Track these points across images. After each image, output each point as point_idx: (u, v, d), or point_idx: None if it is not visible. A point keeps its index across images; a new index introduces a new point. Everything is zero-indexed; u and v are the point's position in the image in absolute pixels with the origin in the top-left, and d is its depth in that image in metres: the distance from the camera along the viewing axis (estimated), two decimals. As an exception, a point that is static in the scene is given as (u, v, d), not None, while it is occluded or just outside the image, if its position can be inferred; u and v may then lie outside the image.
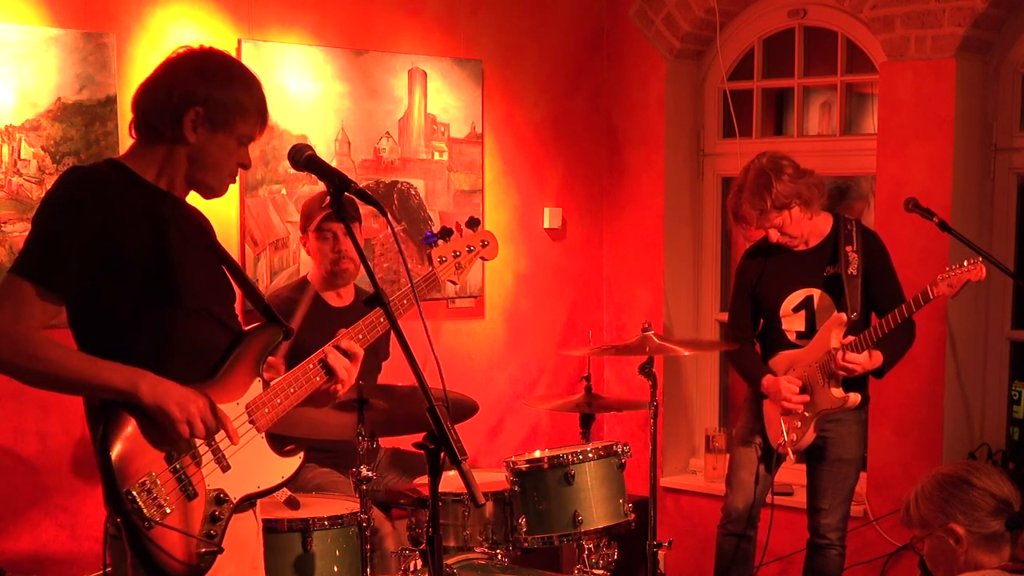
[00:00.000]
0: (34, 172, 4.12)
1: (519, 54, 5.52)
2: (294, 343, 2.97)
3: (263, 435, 2.70)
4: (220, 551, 2.56)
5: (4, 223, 4.07)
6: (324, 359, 2.79)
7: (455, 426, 2.42)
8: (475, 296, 5.42)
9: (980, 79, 4.96)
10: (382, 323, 2.94)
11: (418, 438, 2.45)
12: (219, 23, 4.55)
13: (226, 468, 2.61)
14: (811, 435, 4.36)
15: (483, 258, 3.39)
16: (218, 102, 2.62)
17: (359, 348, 2.85)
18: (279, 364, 2.85)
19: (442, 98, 5.21)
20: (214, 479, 2.59)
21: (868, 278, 4.34)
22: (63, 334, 2.58)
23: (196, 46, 2.71)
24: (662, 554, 4.97)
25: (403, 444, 4.54)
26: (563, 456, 3.84)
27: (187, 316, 2.62)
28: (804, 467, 4.57)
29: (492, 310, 5.52)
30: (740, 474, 4.52)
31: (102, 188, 2.56)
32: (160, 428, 2.51)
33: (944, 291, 4.09)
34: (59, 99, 4.15)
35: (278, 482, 2.73)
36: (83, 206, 2.52)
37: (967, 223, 4.82)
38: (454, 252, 3.28)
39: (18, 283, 2.50)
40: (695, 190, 5.82)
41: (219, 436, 2.60)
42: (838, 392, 4.28)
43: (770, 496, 4.53)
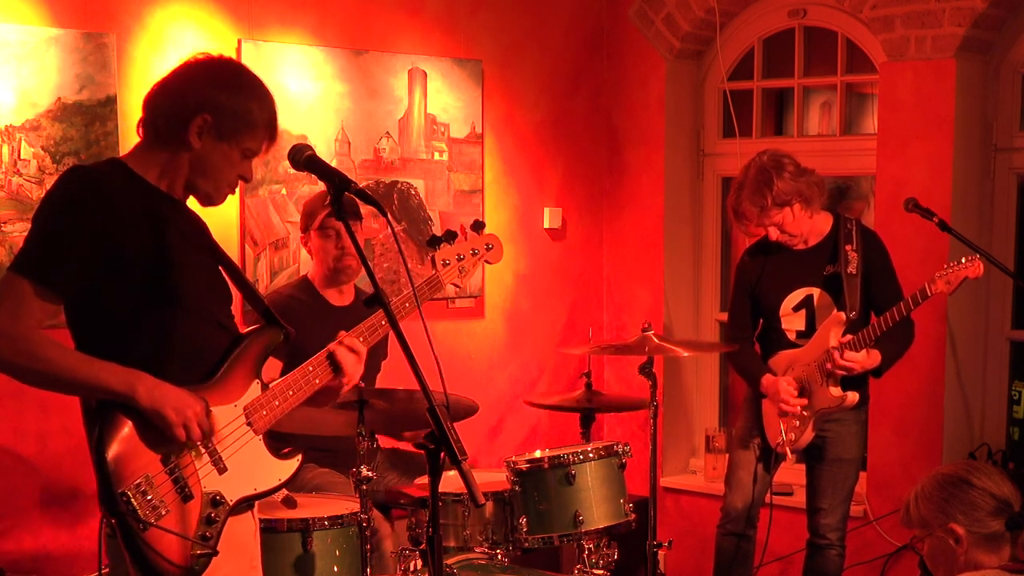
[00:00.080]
0: (34, 172, 4.12)
1: (519, 54, 5.52)
2: (294, 343, 2.97)
3: (261, 437, 2.70)
4: (215, 553, 2.55)
5: (4, 223, 4.07)
6: (332, 354, 2.80)
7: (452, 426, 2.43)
8: (475, 296, 5.42)
9: (980, 79, 4.95)
10: (383, 326, 2.94)
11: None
12: (219, 23, 4.55)
13: (223, 470, 2.61)
14: (809, 434, 4.36)
15: (487, 261, 3.38)
16: (227, 112, 2.62)
17: (363, 346, 2.85)
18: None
19: (442, 98, 5.21)
20: (211, 481, 2.59)
21: (868, 277, 4.33)
22: (63, 334, 2.58)
23: (216, 55, 2.72)
24: (662, 554, 4.97)
25: (402, 444, 4.55)
26: (563, 456, 3.83)
27: (187, 317, 2.62)
28: (804, 467, 4.57)
29: (492, 310, 5.52)
30: (739, 474, 4.52)
31: (102, 187, 2.55)
32: (157, 430, 2.51)
33: (942, 288, 4.08)
34: (59, 99, 4.15)
35: (275, 484, 2.73)
36: (83, 205, 2.52)
37: (967, 223, 4.82)
38: (457, 255, 3.28)
39: (17, 281, 2.49)
40: (695, 190, 5.81)
41: (216, 438, 2.60)
42: (836, 391, 4.28)
43: (770, 496, 4.52)
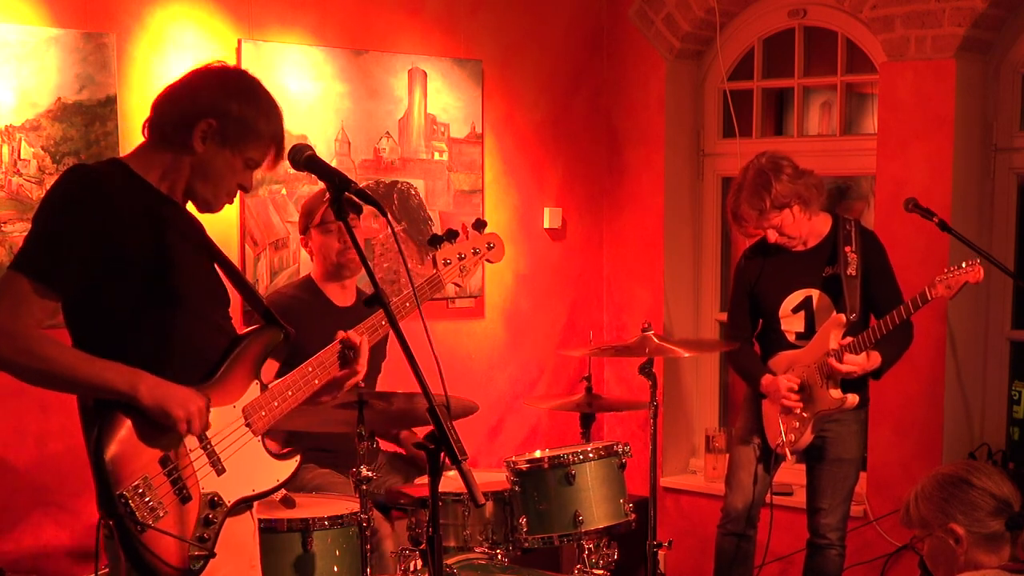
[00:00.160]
0: (34, 172, 4.12)
1: (519, 54, 5.52)
2: (294, 343, 2.97)
3: (259, 438, 2.70)
4: (212, 555, 2.55)
5: (4, 223, 4.07)
6: (347, 343, 2.81)
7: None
8: (475, 296, 5.41)
9: (980, 79, 4.95)
10: (383, 326, 2.94)
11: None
12: (219, 23, 4.55)
13: (221, 471, 2.60)
14: (809, 436, 4.36)
15: (488, 260, 3.38)
16: (233, 119, 2.62)
17: (365, 343, 2.86)
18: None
19: (442, 98, 5.21)
20: (209, 482, 2.58)
21: (867, 279, 4.33)
22: (63, 334, 2.58)
23: (231, 65, 2.74)
24: (662, 554, 4.97)
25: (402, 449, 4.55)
26: (563, 456, 3.83)
27: (186, 317, 2.61)
28: (804, 467, 4.57)
29: (492, 310, 5.52)
30: (739, 474, 4.51)
31: (103, 187, 2.55)
32: (155, 430, 2.51)
33: (942, 293, 4.08)
34: (59, 99, 4.15)
35: (273, 485, 2.73)
36: (83, 205, 2.52)
37: (967, 223, 4.82)
38: (459, 255, 3.27)
39: (17, 279, 2.49)
40: (695, 190, 5.81)
41: (215, 439, 2.60)
42: (836, 393, 4.28)
43: (770, 496, 4.52)
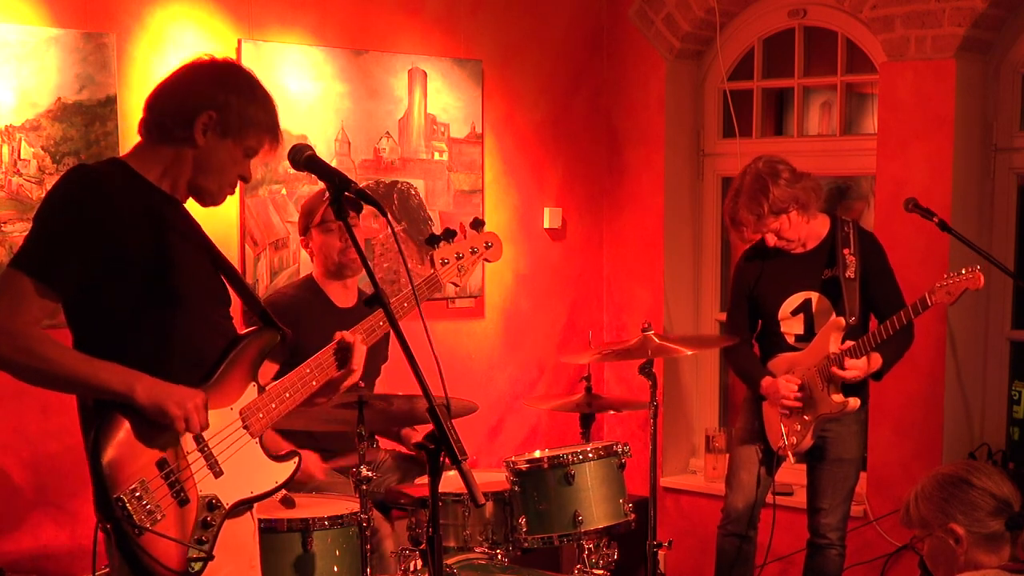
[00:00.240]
0: (34, 172, 4.12)
1: (519, 54, 5.52)
2: (294, 344, 2.97)
3: (257, 440, 2.70)
4: (210, 558, 2.55)
5: (4, 223, 4.07)
6: (343, 343, 2.81)
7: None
8: (475, 296, 5.42)
9: (980, 79, 4.95)
10: (381, 326, 2.94)
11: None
12: (219, 23, 4.55)
13: (219, 474, 2.61)
14: (810, 439, 4.35)
15: (486, 260, 3.38)
16: (233, 109, 2.64)
17: (359, 343, 2.86)
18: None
19: (442, 98, 5.21)
20: (207, 485, 2.58)
21: (866, 280, 4.32)
22: (63, 334, 2.58)
23: (220, 57, 2.74)
24: (662, 554, 4.97)
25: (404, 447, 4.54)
26: (563, 456, 3.83)
27: (186, 317, 2.62)
28: (804, 467, 4.56)
29: (492, 310, 5.52)
30: (740, 475, 4.51)
31: (103, 187, 2.56)
32: (154, 433, 2.51)
33: (942, 299, 4.07)
34: (59, 99, 4.15)
35: (272, 487, 2.72)
36: (84, 205, 2.52)
37: (967, 223, 4.82)
38: (456, 254, 3.27)
39: (17, 278, 2.50)
40: (695, 190, 5.81)
41: (212, 441, 2.60)
42: (838, 397, 4.27)
43: (770, 496, 4.52)
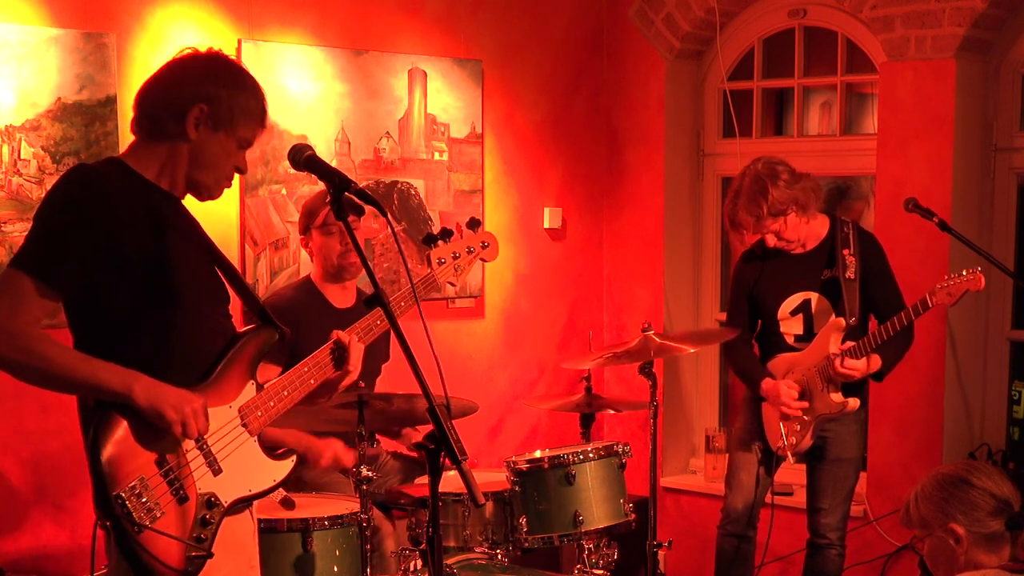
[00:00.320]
0: (34, 172, 4.12)
1: (519, 54, 5.52)
2: (293, 343, 2.97)
3: (256, 438, 2.70)
4: (210, 555, 2.55)
5: (4, 223, 4.07)
6: (339, 343, 2.81)
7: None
8: (475, 296, 5.42)
9: (980, 79, 4.95)
10: (379, 325, 2.94)
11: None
12: (219, 23, 4.55)
13: (217, 472, 2.60)
14: (810, 439, 4.36)
15: (483, 259, 3.38)
16: (224, 101, 2.63)
17: (355, 342, 2.86)
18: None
19: (442, 98, 5.21)
20: (205, 483, 2.58)
21: (866, 281, 4.32)
22: (63, 334, 2.58)
23: (204, 49, 2.73)
24: (662, 554, 4.97)
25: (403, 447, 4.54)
26: (563, 456, 3.83)
27: (186, 316, 2.61)
28: (804, 467, 4.56)
29: (492, 310, 5.52)
30: (740, 475, 4.51)
31: (103, 187, 2.56)
32: (152, 431, 2.51)
33: (943, 300, 4.07)
34: (59, 99, 4.15)
35: (270, 485, 2.72)
36: (84, 205, 2.52)
37: (967, 223, 4.82)
38: (453, 254, 3.27)
39: (17, 277, 2.49)
40: (695, 190, 5.81)
41: (211, 439, 2.60)
42: (837, 397, 4.27)
43: (770, 496, 4.52)
